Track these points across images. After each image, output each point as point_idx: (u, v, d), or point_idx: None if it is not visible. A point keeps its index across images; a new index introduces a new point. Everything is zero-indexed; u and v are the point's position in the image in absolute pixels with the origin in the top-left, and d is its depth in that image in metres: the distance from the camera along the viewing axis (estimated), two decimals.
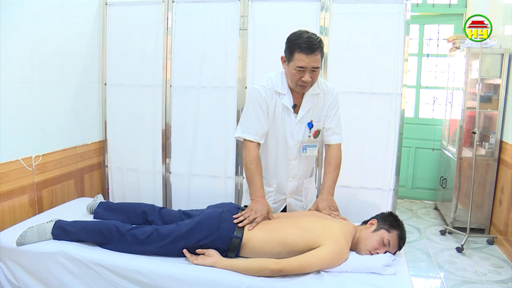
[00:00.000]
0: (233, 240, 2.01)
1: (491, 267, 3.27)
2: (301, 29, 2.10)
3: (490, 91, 3.95)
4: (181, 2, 3.02)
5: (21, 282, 2.10)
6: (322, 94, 2.24)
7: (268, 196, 2.35)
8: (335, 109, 2.28)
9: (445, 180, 4.38)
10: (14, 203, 2.49)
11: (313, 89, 2.20)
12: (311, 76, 2.07)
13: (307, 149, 2.30)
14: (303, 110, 2.22)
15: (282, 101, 2.20)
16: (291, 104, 2.21)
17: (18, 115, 2.51)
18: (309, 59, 2.02)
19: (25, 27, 2.51)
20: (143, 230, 2.09)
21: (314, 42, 2.02)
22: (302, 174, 2.37)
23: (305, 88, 2.14)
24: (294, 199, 2.43)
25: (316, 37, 2.04)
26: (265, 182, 2.33)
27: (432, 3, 4.87)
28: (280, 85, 2.19)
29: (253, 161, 2.19)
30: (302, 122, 2.24)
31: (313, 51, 2.01)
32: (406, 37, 2.76)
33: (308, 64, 2.03)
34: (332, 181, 2.28)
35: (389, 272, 1.90)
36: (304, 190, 2.43)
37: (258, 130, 2.20)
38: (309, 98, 2.21)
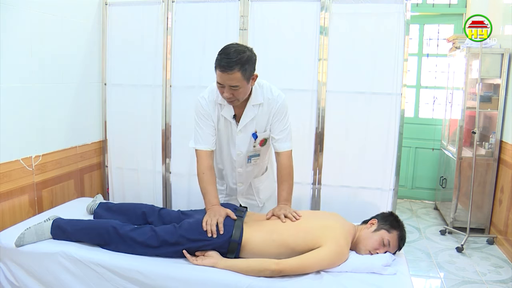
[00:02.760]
0: (231, 243, 2.00)
1: (491, 267, 3.27)
2: (232, 43, 2.03)
3: (490, 91, 3.95)
4: (181, 2, 3.01)
5: (21, 282, 2.10)
6: (266, 104, 2.18)
7: (220, 193, 2.40)
8: (281, 117, 2.21)
9: (445, 180, 4.38)
10: (14, 203, 2.49)
11: (255, 99, 2.16)
12: (231, 92, 2.00)
13: (251, 159, 2.31)
14: (244, 121, 2.18)
15: (221, 112, 2.19)
16: (230, 115, 2.19)
17: (18, 115, 2.51)
18: (225, 77, 1.95)
19: (25, 27, 2.51)
20: (142, 232, 2.08)
21: (231, 60, 1.92)
22: (250, 178, 2.41)
23: (233, 103, 2.08)
24: (246, 198, 2.47)
25: (236, 55, 1.93)
26: (219, 182, 2.41)
27: (432, 3, 4.87)
28: (220, 96, 2.11)
29: (206, 170, 2.17)
30: (245, 132, 2.22)
31: (228, 69, 1.92)
32: (406, 37, 2.76)
33: (224, 82, 1.97)
34: (287, 193, 2.22)
35: (389, 272, 1.90)
36: (254, 190, 2.46)
37: (206, 139, 2.20)
38: (250, 108, 2.17)
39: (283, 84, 2.89)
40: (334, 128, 2.90)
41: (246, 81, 2.01)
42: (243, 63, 1.94)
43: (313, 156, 2.94)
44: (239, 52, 1.95)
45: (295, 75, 2.89)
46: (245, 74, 1.97)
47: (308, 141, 2.93)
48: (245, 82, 2.00)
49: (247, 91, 2.08)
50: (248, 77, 2.01)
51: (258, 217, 2.22)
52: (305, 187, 2.98)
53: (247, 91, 2.08)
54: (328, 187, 2.96)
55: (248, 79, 2.01)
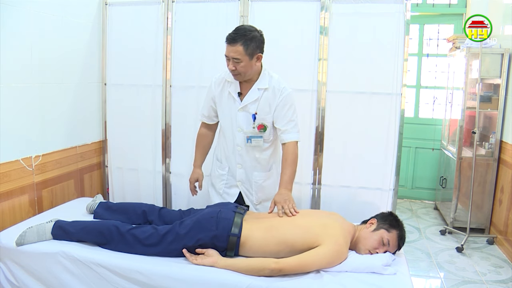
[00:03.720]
0: (230, 238, 2.01)
1: (491, 267, 3.27)
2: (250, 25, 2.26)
3: (490, 91, 3.95)
4: (181, 2, 3.02)
5: (21, 282, 2.10)
6: (271, 90, 2.32)
7: (221, 179, 2.52)
8: (285, 109, 2.32)
9: (445, 180, 4.38)
10: (14, 203, 2.49)
11: (261, 83, 2.31)
12: (234, 65, 2.19)
13: (251, 140, 2.37)
14: (247, 100, 2.33)
15: (229, 89, 2.36)
16: (236, 92, 2.35)
17: (18, 115, 2.51)
18: (229, 49, 2.17)
19: (25, 27, 2.51)
20: (143, 230, 2.09)
21: (237, 33, 2.15)
22: (250, 164, 2.43)
23: (237, 77, 2.26)
24: (245, 188, 2.49)
25: (243, 31, 2.15)
26: (220, 166, 2.53)
27: (432, 3, 4.87)
28: (229, 74, 2.30)
29: (197, 137, 2.58)
30: (246, 110, 2.34)
31: (233, 41, 2.14)
32: (406, 37, 2.76)
33: (229, 53, 2.18)
34: (289, 177, 2.31)
35: (389, 272, 1.90)
36: (254, 184, 2.46)
37: (204, 112, 2.50)
38: (255, 90, 2.32)
39: None
40: (334, 128, 2.91)
41: (249, 57, 2.17)
42: (247, 39, 2.14)
43: (313, 156, 2.95)
44: (247, 30, 2.17)
45: (295, 75, 2.89)
46: (247, 49, 2.15)
47: (308, 141, 2.93)
48: (247, 58, 2.17)
49: (250, 67, 2.22)
50: (251, 53, 2.17)
51: (258, 215, 2.24)
52: (305, 187, 2.98)
53: (250, 67, 2.22)
54: (328, 187, 2.96)
55: (250, 56, 2.17)
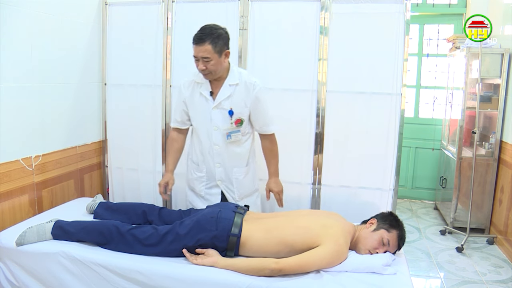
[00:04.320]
0: (230, 238, 2.01)
1: (491, 267, 3.27)
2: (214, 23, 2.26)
3: (490, 91, 3.95)
4: (181, 2, 3.02)
5: (21, 282, 2.10)
6: (242, 86, 2.35)
7: (200, 181, 2.53)
8: (261, 104, 2.39)
9: (445, 180, 4.38)
10: (14, 203, 2.49)
11: (232, 79, 2.35)
12: (205, 65, 2.20)
13: (231, 135, 2.40)
14: (220, 98, 2.35)
15: (200, 90, 2.38)
16: (207, 92, 2.37)
17: (18, 115, 2.51)
18: (198, 49, 2.18)
19: (25, 27, 2.51)
20: (143, 230, 2.10)
21: (204, 32, 2.17)
22: (229, 161, 2.45)
23: (208, 76, 2.28)
24: (226, 186, 2.51)
25: (208, 30, 2.18)
26: (197, 168, 2.54)
27: (432, 3, 4.87)
28: (200, 76, 2.33)
29: (169, 141, 2.58)
30: (220, 108, 2.36)
31: (201, 41, 2.16)
32: (406, 37, 2.76)
33: (198, 54, 2.19)
34: (274, 167, 2.53)
35: (389, 272, 1.90)
36: (235, 180, 2.48)
37: (177, 118, 2.51)
38: (226, 87, 2.35)
39: (283, 84, 2.91)
40: (334, 128, 2.90)
41: (217, 54, 2.20)
42: (214, 37, 2.17)
43: (313, 156, 2.94)
44: (213, 28, 2.20)
45: (295, 75, 2.89)
46: (216, 47, 2.18)
47: (308, 141, 2.93)
48: (216, 56, 2.20)
49: (219, 65, 2.25)
50: (219, 51, 2.20)
51: (259, 216, 2.24)
52: (305, 187, 2.98)
53: (219, 65, 2.25)
54: (328, 187, 2.96)
55: (219, 53, 2.21)
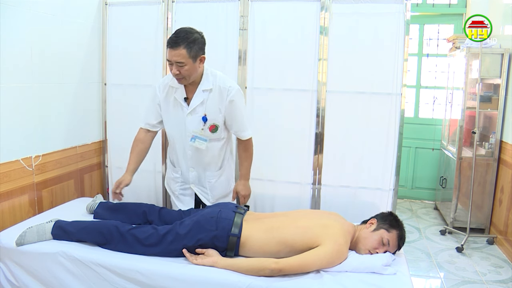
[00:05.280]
0: (230, 238, 2.01)
1: (491, 267, 3.27)
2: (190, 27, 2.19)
3: (490, 91, 3.95)
4: (181, 2, 3.02)
5: (21, 282, 2.10)
6: (217, 91, 2.30)
7: (176, 181, 2.54)
8: (237, 109, 2.33)
9: (445, 180, 4.38)
10: (14, 203, 2.49)
11: (205, 84, 2.29)
12: (178, 69, 2.15)
13: (196, 140, 2.35)
14: (194, 104, 2.30)
15: (175, 94, 2.33)
16: (182, 98, 2.32)
17: (18, 115, 2.51)
18: (172, 53, 2.12)
19: (25, 27, 2.51)
20: (143, 230, 2.10)
21: (178, 36, 2.11)
22: (201, 165, 2.45)
23: (182, 81, 2.23)
24: (199, 190, 2.50)
25: (183, 34, 2.11)
26: (173, 169, 2.55)
27: (432, 3, 4.87)
28: (175, 80, 2.27)
29: (134, 142, 2.49)
30: (194, 114, 2.32)
31: (176, 45, 2.10)
32: (406, 37, 2.76)
33: (172, 58, 2.13)
34: (246, 170, 2.49)
35: (389, 272, 1.90)
36: (207, 184, 2.48)
37: (150, 120, 2.46)
38: (200, 93, 2.30)
39: (283, 84, 2.91)
40: (334, 128, 2.90)
41: (192, 59, 2.15)
42: (190, 42, 2.11)
43: (313, 156, 2.94)
44: (188, 32, 2.13)
45: (295, 75, 2.89)
46: (190, 52, 2.12)
47: (308, 141, 2.93)
48: (191, 61, 2.15)
49: (194, 70, 2.19)
50: (194, 56, 2.15)
51: (259, 216, 2.23)
52: (305, 187, 2.98)
53: (194, 70, 2.19)
54: (328, 187, 2.96)
55: (194, 58, 2.15)
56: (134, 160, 2.46)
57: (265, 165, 2.99)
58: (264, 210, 2.99)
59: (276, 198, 3.02)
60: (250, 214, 2.22)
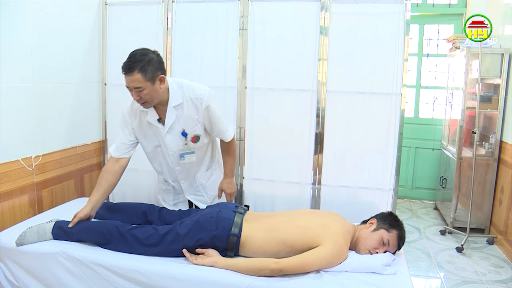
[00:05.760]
0: (230, 237, 2.01)
1: (491, 267, 3.27)
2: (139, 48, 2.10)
3: (490, 91, 3.95)
4: (181, 2, 3.02)
5: (21, 282, 2.10)
6: (189, 103, 2.23)
7: (168, 193, 2.55)
8: (214, 115, 2.26)
9: (445, 180, 4.38)
10: (14, 203, 2.49)
11: (174, 101, 2.21)
12: (138, 95, 2.07)
13: (184, 156, 2.35)
14: (168, 123, 2.24)
15: (146, 118, 2.26)
16: (155, 119, 2.25)
17: (18, 115, 2.50)
18: (128, 79, 2.04)
19: (25, 27, 2.51)
20: (143, 231, 2.10)
21: (131, 62, 2.02)
22: (191, 174, 2.45)
23: (145, 105, 2.14)
24: (194, 195, 2.50)
25: (136, 57, 2.02)
26: (163, 183, 2.55)
27: (432, 3, 4.87)
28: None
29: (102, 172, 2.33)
30: (172, 133, 2.27)
31: (130, 71, 2.02)
32: (406, 37, 2.76)
33: (129, 84, 2.05)
34: (230, 168, 2.47)
35: (389, 272, 1.90)
36: (200, 186, 2.48)
37: (120, 147, 2.34)
38: (171, 110, 2.22)
39: (283, 84, 2.91)
40: (334, 128, 2.90)
41: (150, 82, 2.05)
42: (143, 65, 2.02)
43: (313, 156, 2.94)
44: (141, 55, 2.04)
45: (295, 75, 2.89)
46: (146, 75, 2.03)
47: (308, 141, 2.93)
48: (149, 84, 2.05)
49: (155, 92, 2.11)
50: (151, 78, 2.05)
51: (259, 216, 2.24)
52: (305, 187, 2.98)
53: (155, 92, 2.11)
54: (328, 187, 2.96)
55: (151, 80, 2.06)
56: (99, 193, 2.26)
57: (265, 165, 2.99)
58: (264, 210, 2.99)
59: (276, 198, 3.02)
60: (250, 214, 2.22)
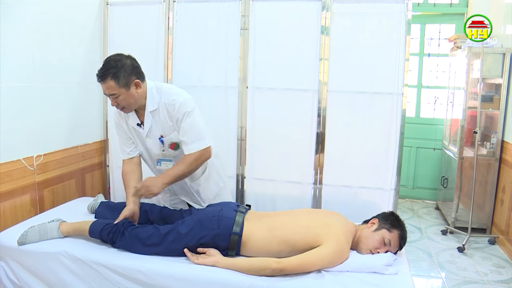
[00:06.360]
0: (232, 236, 2.01)
1: (492, 267, 3.27)
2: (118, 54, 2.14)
3: (492, 91, 3.95)
4: (182, 1, 3.02)
5: (23, 282, 2.11)
6: (164, 109, 2.22)
7: (165, 193, 2.54)
8: (183, 121, 2.21)
9: (446, 180, 4.38)
10: (15, 202, 2.49)
11: (150, 106, 2.21)
12: (115, 101, 2.11)
13: (161, 163, 2.36)
14: (146, 127, 2.26)
15: (129, 121, 2.29)
16: (135, 123, 2.28)
17: (20, 114, 2.51)
18: (103, 86, 2.09)
19: (26, 27, 2.51)
20: (144, 230, 2.10)
21: (103, 69, 2.05)
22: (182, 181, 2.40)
23: (124, 110, 2.18)
24: (190, 199, 2.50)
25: (108, 64, 2.05)
26: None
27: (433, 3, 4.87)
28: None
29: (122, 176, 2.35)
30: (152, 137, 2.28)
31: (103, 78, 2.05)
32: (407, 36, 2.75)
33: (104, 91, 2.10)
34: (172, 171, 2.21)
35: (390, 272, 1.90)
36: (195, 192, 2.48)
37: (126, 148, 2.37)
38: (148, 115, 2.23)
39: (284, 83, 2.91)
40: (335, 127, 2.90)
41: (124, 88, 2.08)
42: (116, 72, 2.04)
43: (314, 155, 2.94)
44: (114, 61, 2.06)
45: (296, 74, 2.89)
46: (119, 82, 2.05)
47: (309, 141, 2.93)
48: (123, 90, 2.08)
49: (131, 98, 2.13)
50: (125, 84, 2.08)
51: (260, 215, 2.23)
52: (306, 187, 2.98)
53: (131, 98, 2.13)
54: (329, 187, 2.96)
55: (126, 86, 2.08)
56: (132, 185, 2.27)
57: (266, 164, 3.00)
58: (265, 210, 2.98)
59: (277, 198, 3.02)
60: (252, 213, 2.22)
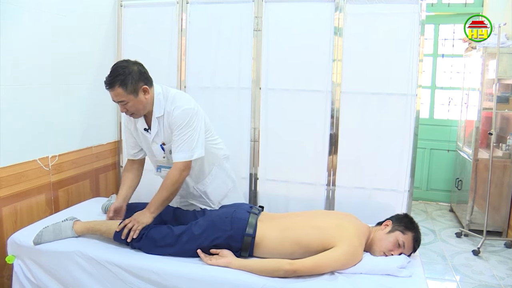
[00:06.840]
0: (245, 238, 2.01)
1: (509, 271, 3.22)
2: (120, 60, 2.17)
3: (508, 92, 3.89)
4: (195, 3, 3.03)
5: (39, 280, 2.13)
6: (166, 116, 2.23)
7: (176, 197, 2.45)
8: (178, 129, 2.19)
9: (461, 182, 4.32)
10: (31, 202, 2.52)
11: (157, 112, 2.22)
12: (124, 107, 2.12)
13: (161, 170, 2.38)
14: (153, 133, 2.27)
15: (137, 125, 2.31)
16: (143, 127, 2.29)
17: (35, 115, 2.54)
18: (111, 94, 2.10)
19: (42, 29, 2.54)
20: (158, 231, 2.11)
21: (111, 77, 2.06)
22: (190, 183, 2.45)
23: (134, 116, 2.20)
24: (198, 201, 2.51)
25: (115, 71, 2.05)
26: None
27: (448, 3, 4.82)
28: None
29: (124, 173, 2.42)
30: (156, 142, 2.30)
31: (111, 86, 2.06)
32: (421, 37, 2.73)
33: (113, 98, 2.11)
34: (156, 200, 2.17)
35: (404, 274, 1.88)
36: (202, 194, 2.48)
37: (130, 150, 2.43)
38: (154, 121, 2.24)
39: (297, 84, 2.90)
40: (349, 129, 2.89)
41: (132, 95, 2.08)
42: (123, 79, 2.05)
43: (327, 157, 2.93)
44: (122, 67, 2.07)
45: (309, 76, 2.88)
46: (127, 89, 2.06)
47: (322, 142, 2.92)
48: (132, 96, 2.08)
49: (139, 104, 2.13)
50: (133, 90, 2.08)
51: (273, 216, 2.24)
52: (319, 188, 2.97)
53: (139, 104, 2.13)
54: (343, 188, 2.94)
55: (134, 93, 2.09)
56: (124, 188, 2.36)
57: (280, 166, 2.99)
58: (278, 211, 2.98)
59: (290, 199, 3.01)
60: (265, 215, 2.22)
